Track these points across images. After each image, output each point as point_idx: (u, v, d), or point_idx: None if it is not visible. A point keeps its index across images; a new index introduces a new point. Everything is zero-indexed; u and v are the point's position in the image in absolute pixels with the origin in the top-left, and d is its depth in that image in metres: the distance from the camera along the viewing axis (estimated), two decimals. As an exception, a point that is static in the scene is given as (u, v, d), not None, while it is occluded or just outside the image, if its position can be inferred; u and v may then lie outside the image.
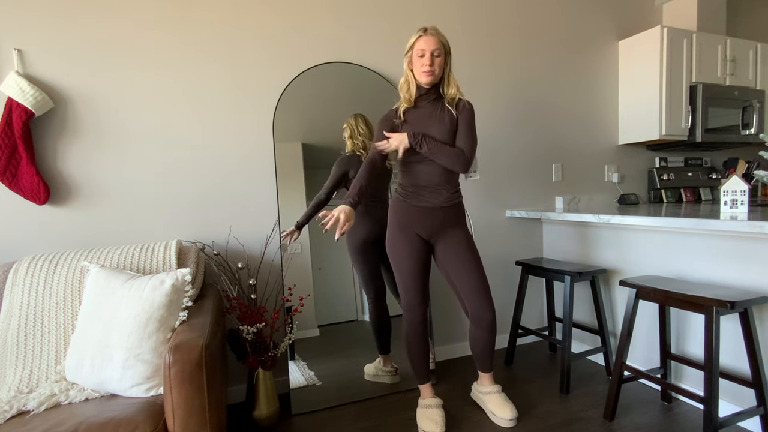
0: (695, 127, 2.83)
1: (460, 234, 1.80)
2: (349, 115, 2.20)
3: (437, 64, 1.68)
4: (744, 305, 1.51)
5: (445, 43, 1.70)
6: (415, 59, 1.70)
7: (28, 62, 1.79)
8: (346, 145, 2.18)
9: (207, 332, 1.32)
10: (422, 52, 1.67)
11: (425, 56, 1.67)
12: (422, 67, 1.68)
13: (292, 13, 2.19)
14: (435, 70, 1.68)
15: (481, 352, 1.86)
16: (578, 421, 1.84)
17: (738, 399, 1.77)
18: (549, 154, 2.81)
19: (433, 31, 1.69)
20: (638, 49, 2.85)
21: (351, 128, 2.18)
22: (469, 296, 1.78)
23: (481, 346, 1.84)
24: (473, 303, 1.77)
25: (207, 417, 1.23)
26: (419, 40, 1.69)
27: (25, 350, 1.49)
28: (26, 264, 1.60)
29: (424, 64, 1.67)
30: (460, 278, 1.78)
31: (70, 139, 1.87)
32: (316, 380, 2.06)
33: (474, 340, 1.85)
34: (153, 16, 1.96)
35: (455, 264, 1.78)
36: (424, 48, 1.67)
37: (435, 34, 1.68)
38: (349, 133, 2.18)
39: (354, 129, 2.18)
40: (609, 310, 2.35)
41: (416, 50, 1.69)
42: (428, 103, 1.77)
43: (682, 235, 1.94)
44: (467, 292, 1.78)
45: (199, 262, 1.77)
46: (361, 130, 2.19)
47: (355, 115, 2.20)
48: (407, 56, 1.74)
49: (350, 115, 2.20)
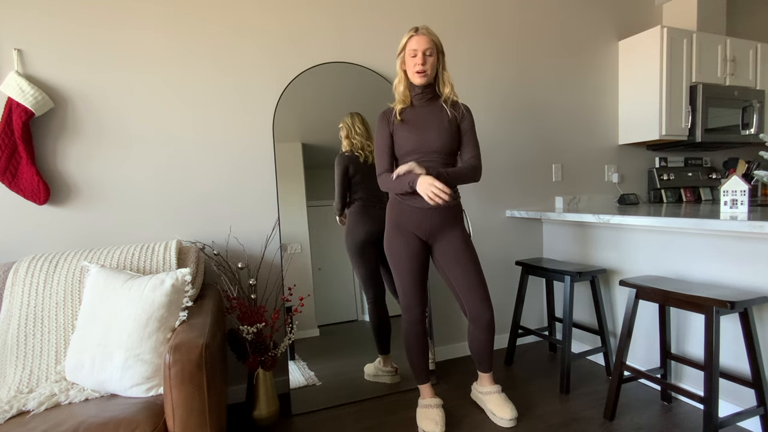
0: (695, 127, 2.83)
1: (457, 234, 1.79)
2: (345, 114, 2.20)
3: (429, 63, 1.67)
4: (744, 305, 1.51)
5: (437, 42, 1.69)
6: (408, 59, 1.69)
7: (28, 62, 1.79)
8: (342, 145, 2.17)
9: (207, 332, 1.32)
10: (414, 52, 1.66)
11: (417, 56, 1.66)
12: (415, 67, 1.67)
13: (292, 13, 2.19)
14: (427, 69, 1.67)
15: (479, 352, 1.86)
16: (578, 421, 1.84)
17: (738, 399, 1.77)
18: (549, 154, 2.81)
19: (425, 30, 1.67)
20: (638, 49, 2.85)
21: (348, 128, 2.17)
22: (467, 296, 1.78)
23: (480, 345, 1.84)
24: (471, 303, 1.77)
25: (207, 417, 1.23)
26: (411, 40, 1.67)
27: (25, 350, 1.49)
28: (26, 264, 1.60)
29: (417, 64, 1.66)
30: (457, 278, 1.78)
31: (70, 139, 1.87)
32: (316, 380, 2.06)
33: (473, 340, 1.85)
34: (153, 16, 1.96)
35: (453, 264, 1.78)
36: (416, 48, 1.65)
37: (426, 33, 1.66)
38: (345, 132, 2.17)
39: (351, 129, 2.17)
40: (609, 310, 2.35)
41: (408, 50, 1.68)
42: (425, 102, 1.77)
43: (682, 235, 1.94)
44: (465, 292, 1.78)
45: (199, 262, 1.77)
46: (358, 129, 2.18)
47: (351, 114, 2.19)
48: (400, 57, 1.73)
49: (347, 114, 2.20)
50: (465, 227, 1.83)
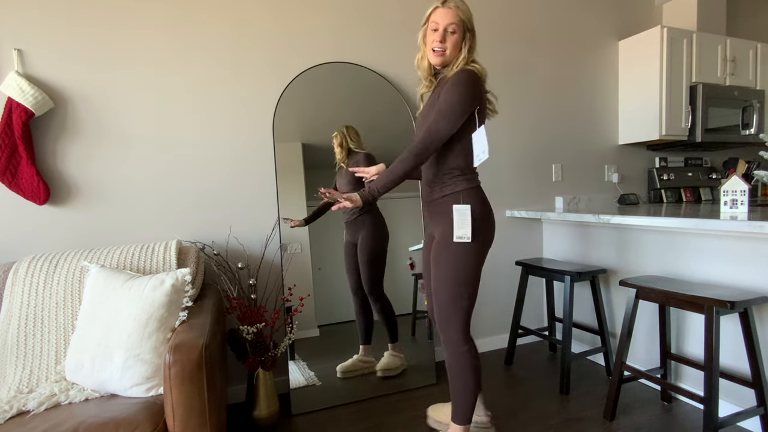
0: (695, 127, 2.83)
1: (439, 235, 1.52)
2: (341, 123, 2.20)
3: (451, 42, 1.43)
4: (744, 305, 1.51)
5: (466, 19, 1.44)
6: (429, 33, 1.47)
7: (28, 62, 1.79)
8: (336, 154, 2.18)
9: (207, 332, 1.32)
10: (436, 25, 1.44)
11: (438, 30, 1.43)
12: (432, 43, 1.45)
13: (292, 12, 2.19)
14: (446, 48, 1.44)
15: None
16: (578, 421, 1.84)
17: (738, 399, 1.77)
18: (549, 154, 2.81)
19: (453, 3, 1.43)
20: (638, 49, 2.85)
21: (342, 137, 2.19)
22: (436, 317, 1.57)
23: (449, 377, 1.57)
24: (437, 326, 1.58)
25: (207, 417, 1.23)
26: (435, 11, 1.45)
27: (25, 350, 1.49)
28: (26, 264, 1.60)
29: (435, 40, 1.44)
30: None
31: (70, 139, 1.87)
32: (316, 380, 2.06)
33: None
34: (153, 15, 1.96)
35: (427, 275, 1.66)
36: (437, 21, 1.43)
37: (454, 7, 1.42)
38: (339, 141, 2.18)
39: (345, 137, 2.19)
40: (609, 310, 2.35)
41: (431, 23, 1.46)
42: (434, 87, 1.56)
43: (682, 235, 1.94)
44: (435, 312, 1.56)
45: (199, 262, 1.77)
46: (352, 138, 2.20)
47: (346, 127, 2.20)
48: (422, 29, 1.51)
49: (342, 126, 2.21)
50: (453, 228, 1.47)
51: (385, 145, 2.25)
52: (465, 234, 1.44)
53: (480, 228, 1.47)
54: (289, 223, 2.10)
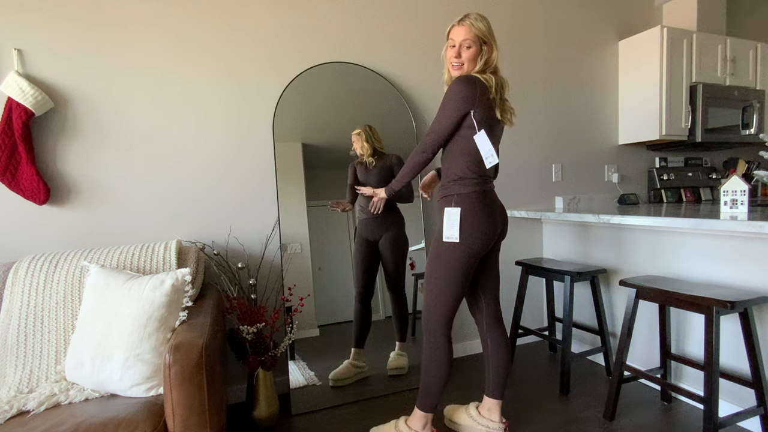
0: (695, 127, 2.83)
1: (435, 234, 1.62)
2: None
3: (467, 56, 1.56)
4: (744, 305, 1.51)
5: (481, 34, 1.56)
6: (448, 49, 1.62)
7: (28, 62, 1.79)
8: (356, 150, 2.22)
9: (207, 332, 1.32)
10: (453, 42, 1.59)
11: (455, 47, 1.58)
12: (450, 59, 1.60)
13: (292, 12, 2.19)
14: (463, 62, 1.57)
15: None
16: (578, 421, 1.84)
17: (738, 399, 1.77)
18: (549, 154, 2.81)
19: (468, 20, 1.56)
20: (638, 49, 2.85)
21: (367, 134, 2.22)
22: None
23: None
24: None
25: (207, 417, 1.23)
26: (452, 29, 1.60)
27: (25, 350, 1.49)
28: (26, 264, 1.60)
29: (451, 56, 1.59)
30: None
31: (70, 139, 1.87)
32: (316, 380, 2.06)
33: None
34: (153, 16, 1.96)
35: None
36: (454, 38, 1.58)
37: (468, 24, 1.56)
38: (365, 138, 2.22)
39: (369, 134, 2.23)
40: (609, 310, 2.35)
41: (449, 40, 1.61)
42: None
43: (683, 235, 1.94)
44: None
45: (199, 262, 1.77)
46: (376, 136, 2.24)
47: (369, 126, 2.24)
48: (445, 46, 1.66)
49: (363, 125, 2.24)
50: (443, 230, 1.56)
51: (385, 146, 2.25)
52: (453, 235, 1.53)
53: (464, 231, 1.53)
54: (338, 208, 2.16)
